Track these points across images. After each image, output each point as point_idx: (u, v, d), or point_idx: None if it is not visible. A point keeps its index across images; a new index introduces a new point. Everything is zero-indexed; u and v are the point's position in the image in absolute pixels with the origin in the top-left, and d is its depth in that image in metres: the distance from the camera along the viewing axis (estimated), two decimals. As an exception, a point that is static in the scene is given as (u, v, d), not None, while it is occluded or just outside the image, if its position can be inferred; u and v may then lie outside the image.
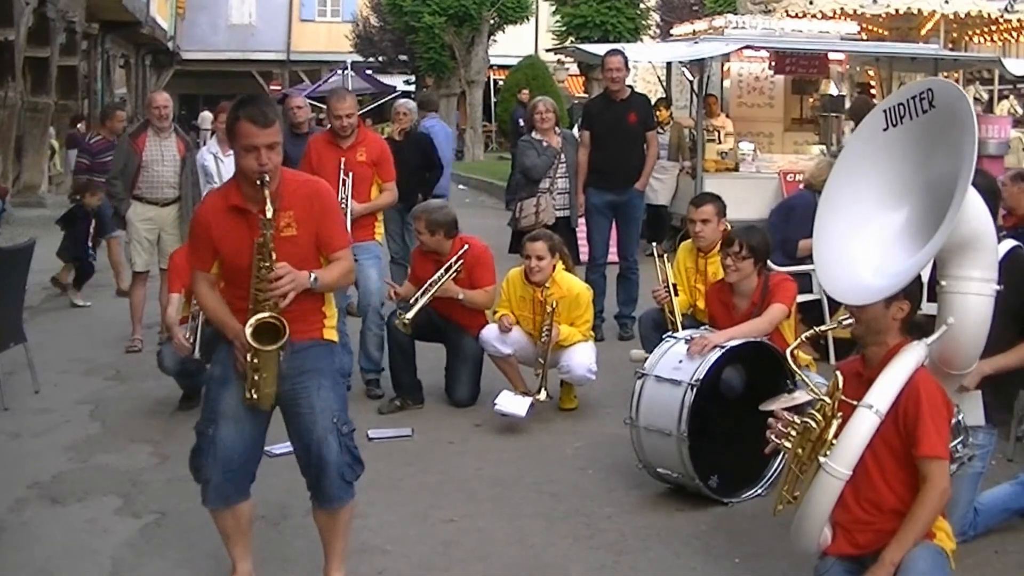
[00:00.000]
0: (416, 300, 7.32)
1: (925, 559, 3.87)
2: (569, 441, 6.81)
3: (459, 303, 7.45)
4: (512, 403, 6.97)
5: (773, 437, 4.13)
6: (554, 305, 7.10)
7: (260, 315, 4.21)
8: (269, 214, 4.15)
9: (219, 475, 4.40)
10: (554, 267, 7.30)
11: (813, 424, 3.99)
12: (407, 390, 7.49)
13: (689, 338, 5.86)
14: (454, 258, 7.43)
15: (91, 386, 8.09)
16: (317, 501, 4.52)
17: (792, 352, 4.41)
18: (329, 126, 7.68)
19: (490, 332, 7.39)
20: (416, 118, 11.15)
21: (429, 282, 7.39)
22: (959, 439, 4.23)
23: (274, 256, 4.18)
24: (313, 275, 4.30)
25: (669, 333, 6.28)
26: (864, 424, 3.89)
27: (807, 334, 4.45)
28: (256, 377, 4.27)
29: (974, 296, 4.23)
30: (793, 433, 4.06)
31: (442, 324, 7.58)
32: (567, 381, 7.42)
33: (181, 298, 7.25)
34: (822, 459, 3.92)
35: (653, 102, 12.41)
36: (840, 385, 4.00)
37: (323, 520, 4.58)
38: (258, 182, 4.16)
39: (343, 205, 7.18)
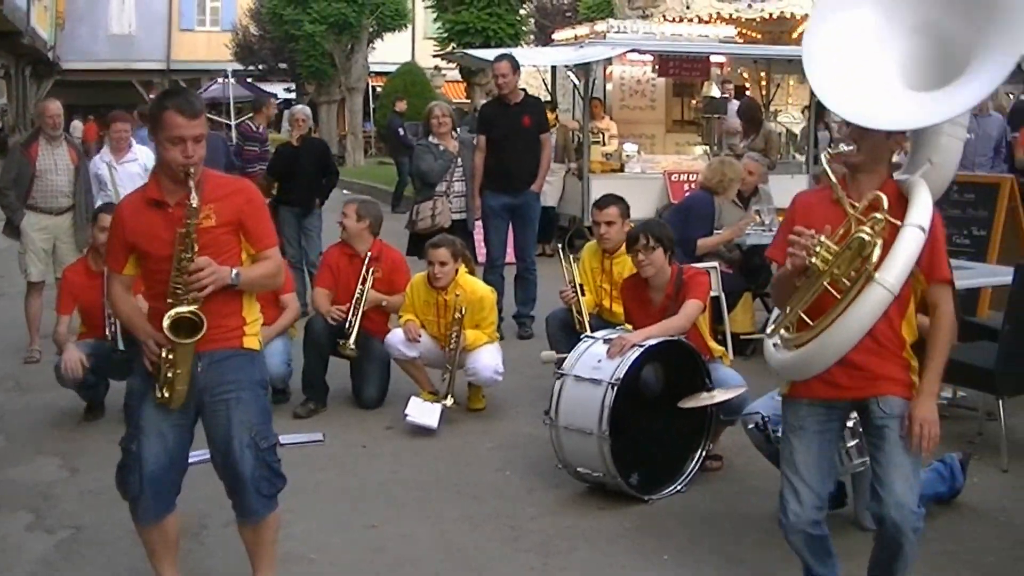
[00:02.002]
0: (351, 325, 7.39)
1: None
2: (482, 442, 6.82)
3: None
4: (423, 413, 6.94)
5: (796, 251, 3.89)
6: (463, 311, 7.11)
7: (179, 309, 4.08)
8: (194, 203, 4.04)
9: (147, 491, 4.27)
10: (457, 271, 7.32)
11: (867, 238, 3.82)
12: (318, 393, 7.45)
13: (607, 338, 5.89)
14: (368, 269, 7.51)
15: (-9, 397, 7.85)
16: (237, 514, 4.43)
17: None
18: None
19: (396, 336, 7.35)
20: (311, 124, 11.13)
21: (355, 300, 7.46)
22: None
23: (196, 248, 4.07)
24: (235, 271, 4.18)
25: (586, 333, 6.33)
26: (913, 241, 3.84)
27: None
28: (169, 374, 4.14)
29: (946, 137, 4.43)
30: (825, 253, 3.86)
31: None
32: (474, 383, 7.44)
33: (70, 318, 7.11)
34: (877, 274, 3.79)
35: (541, 105, 12.49)
36: (885, 204, 3.84)
37: (248, 534, 4.48)
38: (183, 175, 4.06)
39: None
